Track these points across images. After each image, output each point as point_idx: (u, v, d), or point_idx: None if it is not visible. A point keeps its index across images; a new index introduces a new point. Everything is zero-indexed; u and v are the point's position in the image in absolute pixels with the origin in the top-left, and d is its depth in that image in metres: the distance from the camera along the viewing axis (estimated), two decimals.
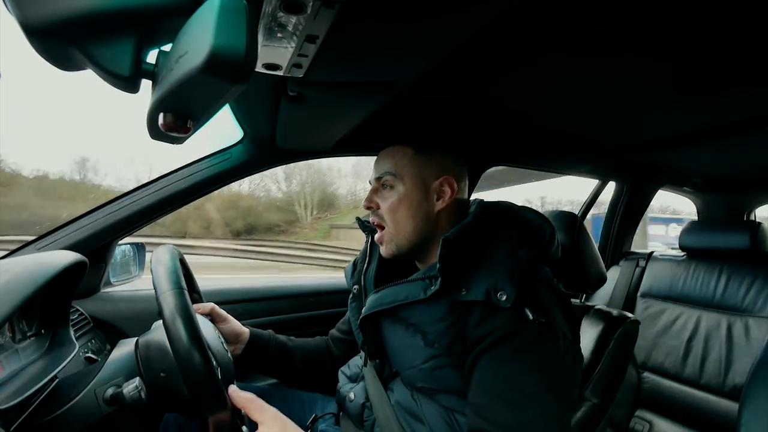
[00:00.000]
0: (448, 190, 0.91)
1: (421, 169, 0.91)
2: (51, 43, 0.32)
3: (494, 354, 0.75)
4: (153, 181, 1.17)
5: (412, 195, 0.90)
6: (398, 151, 0.92)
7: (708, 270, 1.71)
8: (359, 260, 1.04)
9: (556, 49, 0.76)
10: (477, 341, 0.77)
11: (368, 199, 0.94)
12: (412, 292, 0.84)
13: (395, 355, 0.89)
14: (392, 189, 0.91)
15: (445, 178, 0.91)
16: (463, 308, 0.79)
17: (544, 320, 0.76)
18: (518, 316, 0.75)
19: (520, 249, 0.83)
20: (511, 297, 0.74)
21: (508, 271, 0.78)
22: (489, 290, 0.76)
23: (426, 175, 0.91)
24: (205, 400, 0.64)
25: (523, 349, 0.74)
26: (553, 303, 0.81)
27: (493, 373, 0.75)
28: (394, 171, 0.91)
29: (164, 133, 0.36)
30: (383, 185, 0.93)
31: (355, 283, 1.02)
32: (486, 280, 0.78)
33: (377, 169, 0.94)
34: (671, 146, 1.39)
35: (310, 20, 0.50)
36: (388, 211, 0.91)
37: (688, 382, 1.62)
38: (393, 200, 0.90)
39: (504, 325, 0.75)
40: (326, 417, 1.03)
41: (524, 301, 0.76)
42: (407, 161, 0.91)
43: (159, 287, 0.68)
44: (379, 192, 0.93)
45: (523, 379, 0.73)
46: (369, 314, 0.89)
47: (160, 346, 0.74)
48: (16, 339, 0.76)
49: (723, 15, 0.64)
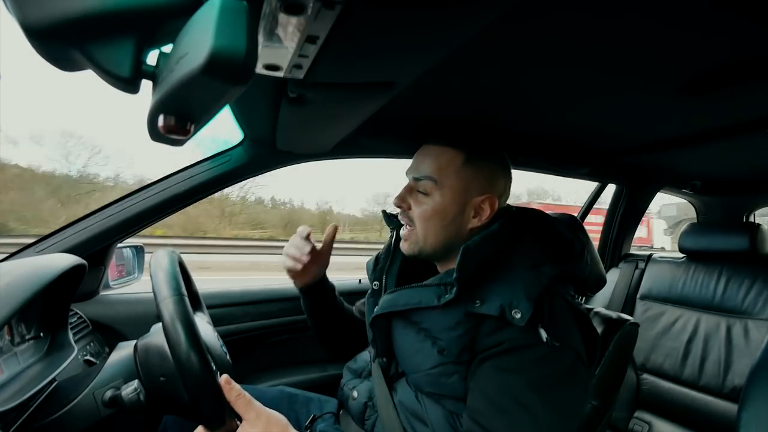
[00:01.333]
0: (488, 209, 0.86)
1: (466, 182, 0.85)
2: (51, 44, 0.32)
3: (497, 363, 0.74)
4: (152, 184, 1.17)
5: (449, 208, 0.85)
6: (446, 155, 0.86)
7: (707, 272, 1.71)
8: (382, 256, 1.01)
9: (555, 51, 0.76)
10: (484, 350, 0.75)
11: (400, 197, 0.89)
12: (426, 298, 0.82)
13: (404, 358, 0.88)
14: (428, 196, 0.86)
15: (488, 196, 0.86)
16: (476, 318, 0.77)
17: (558, 344, 0.73)
18: (531, 332, 0.73)
19: (545, 264, 0.80)
20: (525, 316, 0.71)
21: (527, 288, 0.74)
22: (504, 306, 0.73)
23: (470, 189, 0.85)
24: (205, 407, 0.64)
25: (528, 362, 0.72)
26: (571, 324, 0.79)
27: (493, 381, 0.73)
28: (436, 178, 0.85)
29: (164, 135, 0.36)
30: (419, 189, 0.87)
31: (375, 279, 0.99)
32: (502, 294, 0.75)
33: (417, 168, 0.88)
34: (671, 148, 1.39)
35: (311, 21, 0.50)
36: (420, 218, 0.86)
37: (688, 383, 1.62)
38: (427, 208, 0.86)
39: (514, 338, 0.73)
40: (325, 417, 1.03)
41: (540, 321, 0.73)
42: (453, 171, 0.85)
43: (159, 293, 0.67)
44: (413, 193, 0.88)
45: (524, 393, 0.71)
46: (381, 314, 0.88)
47: (159, 350, 0.74)
48: (15, 342, 0.76)
49: (723, 15, 0.64)
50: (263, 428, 0.66)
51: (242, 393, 0.67)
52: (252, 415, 0.67)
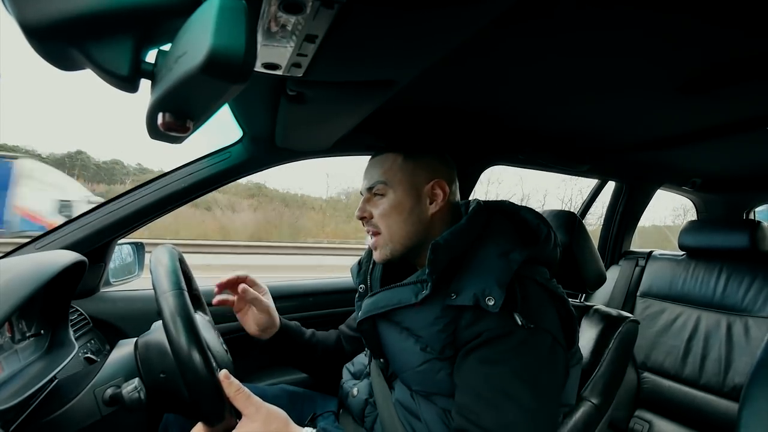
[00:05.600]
0: (440, 193, 0.91)
1: (411, 175, 0.90)
2: (50, 43, 0.32)
3: (479, 355, 0.75)
4: (152, 181, 1.17)
5: (404, 201, 0.89)
6: (387, 159, 0.92)
7: (708, 269, 1.72)
8: (364, 260, 1.03)
9: (556, 49, 0.76)
10: (465, 343, 0.77)
11: (360, 209, 0.93)
12: (404, 297, 0.84)
13: (393, 357, 0.89)
14: (384, 197, 0.91)
15: (436, 181, 0.91)
16: (454, 312, 0.79)
17: (533, 326, 0.75)
18: (507, 319, 0.75)
19: (513, 251, 0.82)
20: (498, 302, 0.74)
21: (497, 275, 0.77)
22: (477, 295, 0.76)
23: (417, 179, 0.90)
24: (205, 403, 0.64)
25: (508, 351, 0.74)
26: (547, 306, 0.81)
27: (477, 375, 0.75)
28: (385, 179, 0.90)
29: (163, 133, 0.36)
30: (375, 193, 0.92)
31: (361, 283, 1.01)
32: (475, 284, 0.78)
33: (368, 179, 0.94)
34: (671, 146, 1.39)
35: (310, 20, 0.50)
36: (381, 218, 0.90)
37: (688, 382, 1.62)
38: (385, 207, 0.90)
39: (491, 328, 0.75)
40: (325, 415, 1.04)
41: (513, 306, 0.76)
42: (397, 168, 0.90)
43: (159, 288, 0.67)
44: (371, 201, 0.93)
45: (507, 382, 0.73)
46: (365, 317, 0.90)
47: (160, 347, 0.74)
48: (16, 339, 0.76)
49: (723, 14, 0.64)
50: (262, 423, 0.67)
51: (241, 388, 0.67)
52: (251, 410, 0.67)
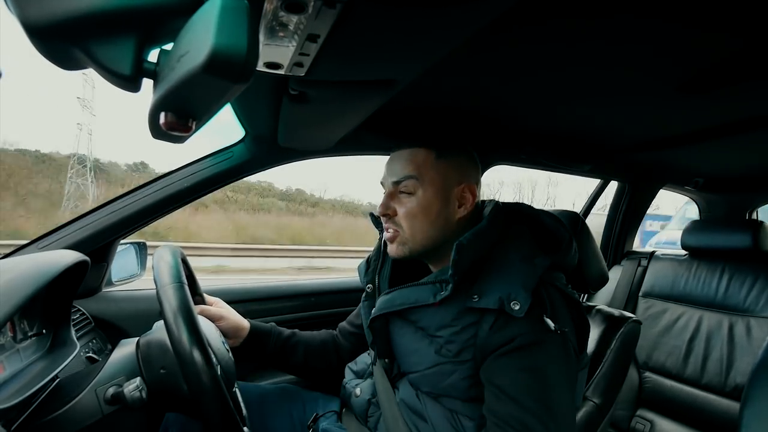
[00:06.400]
0: (469, 197, 0.88)
1: (444, 176, 0.86)
2: (52, 43, 0.32)
3: (517, 363, 0.74)
4: (154, 181, 1.17)
5: (433, 203, 0.85)
6: (419, 154, 0.87)
7: (710, 269, 1.71)
8: (372, 258, 1.01)
9: (557, 49, 0.76)
10: (495, 347, 0.75)
11: (384, 205, 0.89)
12: (422, 296, 0.83)
13: (403, 357, 0.88)
14: (412, 195, 0.86)
15: (467, 185, 0.87)
16: (474, 315, 0.78)
17: (567, 329, 0.75)
18: (538, 323, 0.74)
19: (536, 256, 0.81)
20: (524, 307, 0.73)
21: (523, 280, 0.76)
22: (503, 298, 0.74)
23: (448, 182, 0.87)
24: (206, 396, 0.64)
25: (547, 359, 0.74)
26: (565, 311, 0.80)
27: (518, 384, 0.73)
28: (416, 174, 0.86)
29: (166, 132, 0.36)
30: (401, 191, 0.88)
31: (369, 282, 0.99)
32: (500, 287, 0.76)
33: (395, 171, 0.88)
34: (673, 145, 1.38)
35: (312, 20, 0.50)
36: (406, 218, 0.86)
37: (690, 381, 1.62)
38: (413, 206, 0.86)
39: (524, 333, 0.74)
40: (328, 415, 1.03)
41: (543, 310, 0.75)
42: (430, 165, 0.86)
43: (159, 281, 0.68)
44: (395, 197, 0.88)
45: (550, 394, 0.72)
46: (378, 315, 0.89)
47: (161, 345, 0.74)
48: (18, 339, 0.76)
49: (724, 13, 0.64)
50: None
51: None
52: None
